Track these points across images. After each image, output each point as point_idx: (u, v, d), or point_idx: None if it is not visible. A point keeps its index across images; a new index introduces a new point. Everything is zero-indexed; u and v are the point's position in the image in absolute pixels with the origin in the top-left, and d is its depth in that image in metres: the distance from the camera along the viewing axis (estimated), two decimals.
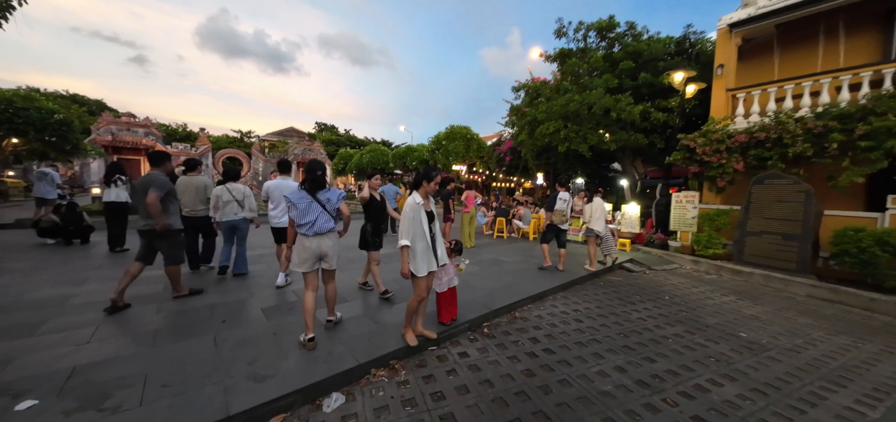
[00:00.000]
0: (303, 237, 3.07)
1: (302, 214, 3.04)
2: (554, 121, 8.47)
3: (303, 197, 3.07)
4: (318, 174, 3.17)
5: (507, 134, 17.57)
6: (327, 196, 3.15)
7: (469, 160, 22.14)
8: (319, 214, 3.08)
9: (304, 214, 3.04)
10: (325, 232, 3.10)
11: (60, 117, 13.29)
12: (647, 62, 8.83)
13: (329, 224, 3.13)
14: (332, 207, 3.16)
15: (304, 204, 3.06)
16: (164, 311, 3.62)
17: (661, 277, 6.36)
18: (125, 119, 31.24)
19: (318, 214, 3.08)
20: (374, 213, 4.23)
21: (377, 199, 4.29)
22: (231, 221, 4.79)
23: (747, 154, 6.95)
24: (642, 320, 4.13)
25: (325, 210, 3.11)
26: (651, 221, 8.95)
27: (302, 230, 3.06)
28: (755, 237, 6.66)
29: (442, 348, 3.22)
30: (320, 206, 3.10)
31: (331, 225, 3.14)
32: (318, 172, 3.19)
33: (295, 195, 3.08)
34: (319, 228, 3.06)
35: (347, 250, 6.69)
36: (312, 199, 3.08)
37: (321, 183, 3.16)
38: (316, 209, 3.08)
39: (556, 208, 5.88)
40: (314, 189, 3.10)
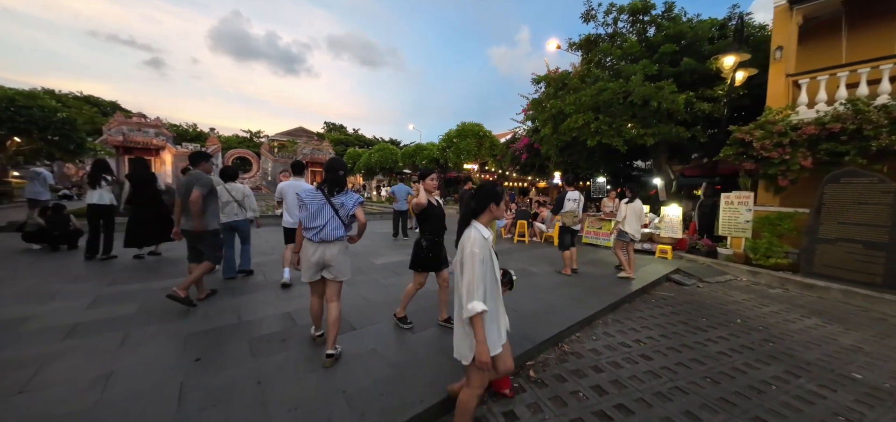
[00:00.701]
0: (307, 243, 2.74)
1: (311, 216, 2.72)
2: (583, 113, 7.59)
3: (316, 198, 2.74)
4: (340, 174, 2.82)
5: (522, 131, 16.69)
6: (342, 200, 2.77)
7: (481, 159, 21.30)
8: (330, 220, 2.73)
9: (313, 217, 2.71)
10: (331, 240, 2.72)
11: (63, 116, 12.93)
12: (690, 46, 7.87)
13: (338, 232, 2.74)
14: (345, 212, 2.78)
15: (315, 206, 2.73)
16: (130, 341, 2.91)
17: (719, 292, 5.45)
18: (136, 119, 31.34)
19: (329, 219, 2.73)
20: (431, 223, 3.32)
21: (435, 204, 3.36)
22: (232, 222, 4.63)
23: (817, 148, 5.98)
24: (725, 355, 3.27)
25: (336, 215, 2.75)
26: (694, 225, 7.99)
27: (308, 234, 2.72)
28: (829, 245, 5.69)
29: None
30: (333, 210, 2.74)
31: (340, 232, 2.75)
32: (340, 171, 2.83)
33: (308, 194, 2.77)
34: (326, 235, 2.70)
35: (356, 258, 5.95)
36: (326, 201, 2.74)
37: (341, 184, 2.80)
38: (327, 213, 2.73)
39: (566, 209, 5.62)
40: (331, 191, 2.76)
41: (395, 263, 5.95)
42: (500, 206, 1.94)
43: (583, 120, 7.50)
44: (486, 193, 1.94)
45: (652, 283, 5.40)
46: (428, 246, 3.25)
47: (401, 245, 7.69)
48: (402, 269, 5.52)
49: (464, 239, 1.85)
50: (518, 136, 16.79)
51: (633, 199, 5.59)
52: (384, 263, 5.96)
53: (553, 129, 8.42)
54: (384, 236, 8.93)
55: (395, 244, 7.73)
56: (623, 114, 7.42)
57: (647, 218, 7.82)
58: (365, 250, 6.91)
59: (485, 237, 1.83)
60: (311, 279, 2.76)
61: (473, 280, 1.69)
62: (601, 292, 4.68)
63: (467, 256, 1.75)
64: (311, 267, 2.71)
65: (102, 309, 3.56)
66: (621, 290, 4.87)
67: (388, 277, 5.09)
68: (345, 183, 2.83)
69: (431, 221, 3.31)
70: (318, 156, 37.62)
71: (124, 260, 5.58)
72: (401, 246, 7.57)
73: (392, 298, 4.11)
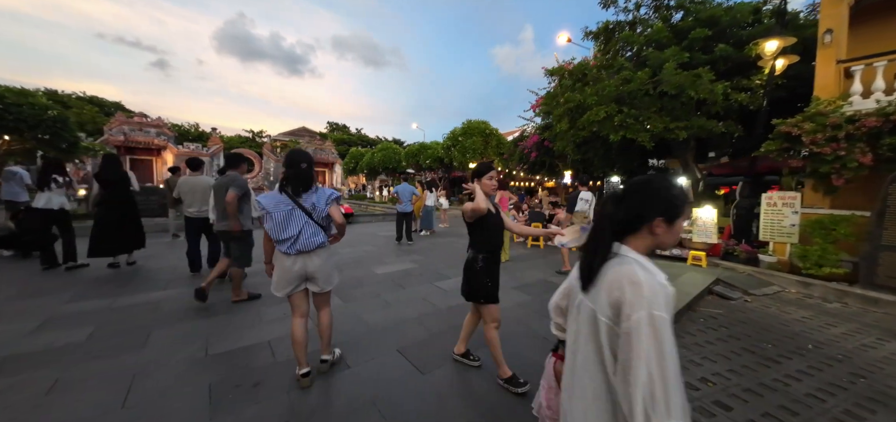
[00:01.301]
0: (283, 256, 2.29)
1: (280, 226, 2.24)
2: (605, 105, 6.89)
3: (280, 203, 2.26)
4: (303, 169, 2.33)
5: (531, 128, 16.00)
6: (312, 201, 2.31)
7: (487, 158, 20.62)
8: (304, 226, 2.27)
9: (283, 227, 2.24)
10: (311, 249, 2.29)
11: (54, 114, 12.43)
12: (724, 31, 7.15)
13: (317, 238, 2.31)
14: (319, 214, 2.32)
15: (281, 212, 2.25)
16: (60, 387, 2.29)
17: (772, 307, 4.74)
18: (137, 119, 31.01)
19: (303, 225, 2.27)
20: (487, 236, 2.40)
21: (494, 212, 2.45)
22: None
23: (879, 143, 5.24)
24: (816, 399, 2.59)
25: (311, 219, 2.29)
26: (729, 228, 7.26)
27: (281, 247, 2.27)
28: (894, 254, 4.95)
29: None
30: (305, 214, 2.28)
31: (319, 239, 2.32)
32: (303, 165, 2.34)
33: (270, 200, 2.28)
34: (304, 245, 2.26)
35: (356, 267, 5.30)
36: (294, 205, 2.27)
37: (306, 181, 2.33)
38: (299, 219, 2.26)
39: (578, 209, 5.47)
40: (296, 191, 2.29)
41: (399, 272, 5.29)
42: (675, 223, 1.01)
43: (605, 113, 6.80)
44: (653, 193, 1.00)
45: (696, 297, 4.70)
46: (485, 268, 2.36)
47: (405, 251, 7.04)
48: (408, 280, 4.87)
49: (613, 282, 0.91)
50: (527, 133, 16.10)
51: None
52: (387, 272, 5.31)
53: (570, 123, 7.73)
54: (387, 240, 8.29)
55: (399, 250, 7.08)
56: (650, 106, 6.72)
57: None
58: (366, 257, 6.27)
59: (664, 285, 0.91)
60: (290, 292, 2.33)
61: (666, 379, 0.78)
62: None
63: (643, 323, 0.81)
64: (290, 279, 2.29)
65: (49, 335, 2.96)
66: None
67: (391, 290, 4.43)
68: (311, 178, 2.35)
69: (488, 234, 2.39)
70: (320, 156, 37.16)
71: (96, 270, 4.99)
72: (405, 252, 6.92)
73: (397, 321, 3.47)
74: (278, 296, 2.34)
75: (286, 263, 2.25)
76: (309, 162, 2.35)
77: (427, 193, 9.65)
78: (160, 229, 8.33)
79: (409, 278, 4.94)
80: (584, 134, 7.56)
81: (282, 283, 2.30)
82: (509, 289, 4.55)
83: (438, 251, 7.08)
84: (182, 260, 4.95)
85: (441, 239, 8.88)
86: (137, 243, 5.41)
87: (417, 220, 9.83)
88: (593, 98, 6.92)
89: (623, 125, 6.78)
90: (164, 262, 5.55)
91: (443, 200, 12.20)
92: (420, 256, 6.46)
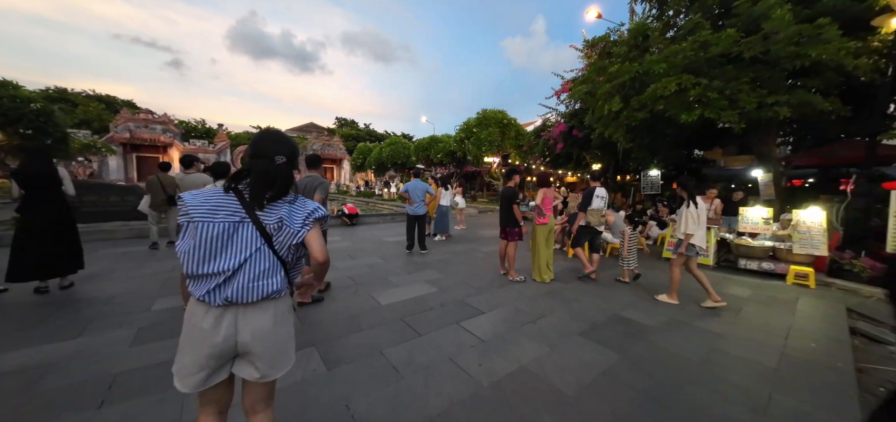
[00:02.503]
0: (198, 307, 1.25)
1: (208, 248, 1.23)
2: (675, 75, 5.31)
3: (222, 207, 1.27)
4: (277, 166, 1.34)
5: (555, 117, 14.36)
6: (280, 215, 1.31)
7: (504, 150, 19.06)
8: (252, 257, 1.27)
9: (213, 252, 1.23)
10: (253, 301, 1.26)
11: (37, 107, 11.51)
12: None
13: (269, 283, 1.29)
14: (287, 239, 1.32)
15: (219, 225, 1.25)
16: None
17: None
18: (143, 116, 30.56)
19: (251, 255, 1.27)
20: None
21: None
22: None
23: None
24: None
25: (268, 247, 1.30)
26: (837, 236, 5.62)
27: (198, 290, 1.23)
28: None
29: None
30: (261, 236, 1.29)
31: (272, 284, 1.29)
32: (280, 158, 1.35)
33: (202, 200, 1.27)
34: (240, 293, 1.24)
35: (354, 290, 3.87)
36: (246, 217, 1.27)
37: (279, 184, 1.32)
38: (247, 243, 1.27)
39: (593, 207, 5.09)
40: (259, 196, 1.29)
41: (411, 303, 3.87)
42: None
43: (677, 84, 5.21)
44: None
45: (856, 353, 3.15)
46: None
47: (418, 264, 5.65)
48: (425, 319, 3.45)
49: None
50: (550, 122, 14.46)
51: (691, 201, 3.99)
52: (395, 302, 3.88)
53: (623, 102, 6.15)
54: (396, 248, 6.92)
55: (411, 263, 5.69)
56: (740, 76, 5.11)
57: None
58: (369, 275, 4.90)
59: None
60: (201, 386, 1.26)
61: None
62: (811, 371, 2.50)
63: None
64: (208, 356, 1.24)
65: None
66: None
67: (400, 340, 2.99)
68: (287, 181, 1.36)
69: None
70: (328, 151, 36.17)
71: (17, 296, 3.73)
72: (418, 266, 5.53)
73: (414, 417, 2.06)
74: (183, 390, 1.26)
75: (203, 321, 1.24)
76: (290, 153, 1.38)
77: (442, 191, 8.22)
78: (135, 235, 7.13)
79: (427, 315, 3.53)
80: (642, 116, 5.98)
81: (190, 364, 1.24)
82: (574, 336, 3.09)
83: (459, 265, 5.67)
84: (152, 281, 3.69)
85: (459, 245, 7.47)
86: (75, 263, 4.16)
87: (431, 222, 8.43)
88: (661, 66, 5.33)
89: (702, 101, 5.19)
90: (125, 283, 4.26)
91: (459, 198, 10.77)
92: (437, 274, 5.06)
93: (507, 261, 4.81)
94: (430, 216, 8.26)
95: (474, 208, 16.36)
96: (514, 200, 4.64)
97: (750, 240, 5.81)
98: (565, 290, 4.44)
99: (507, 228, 4.72)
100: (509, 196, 4.66)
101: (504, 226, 4.77)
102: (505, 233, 4.77)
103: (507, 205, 4.67)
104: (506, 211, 4.69)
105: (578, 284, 4.72)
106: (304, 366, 2.47)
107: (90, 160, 26.44)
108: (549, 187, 4.78)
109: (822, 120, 6.15)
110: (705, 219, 4.08)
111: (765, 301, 4.38)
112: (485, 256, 6.43)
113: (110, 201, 7.88)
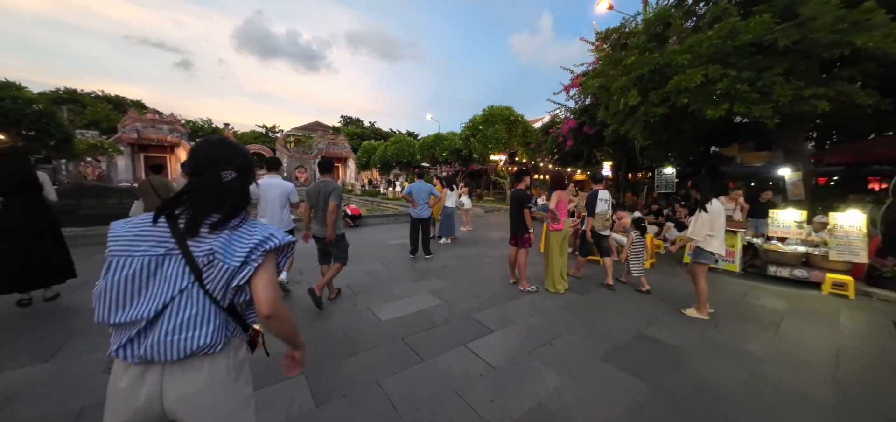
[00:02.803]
0: (117, 365, 1.00)
1: (122, 293, 0.96)
2: (700, 66, 4.88)
3: (146, 238, 1.00)
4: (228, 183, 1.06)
5: (564, 113, 13.90)
6: (213, 247, 1.01)
7: (510, 148, 18.63)
8: (173, 302, 0.98)
9: (127, 295, 0.96)
10: (178, 358, 0.96)
11: (40, 108, 11.42)
12: None
13: (195, 337, 0.97)
14: (221, 279, 1.00)
15: (132, 264, 0.97)
16: None
17: None
18: (150, 116, 30.72)
19: (175, 297, 0.98)
20: None
21: None
22: None
23: None
24: None
25: (198, 287, 1.00)
26: (877, 241, 5.15)
27: (112, 344, 0.98)
28: None
29: None
30: (190, 272, 1.00)
31: (200, 338, 0.98)
32: (227, 173, 1.06)
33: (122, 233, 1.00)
34: (154, 349, 0.95)
35: (343, 307, 3.56)
36: (171, 250, 1.00)
37: (225, 207, 1.04)
38: (169, 283, 0.99)
39: (598, 211, 4.81)
40: (197, 220, 1.01)
41: (413, 318, 3.55)
42: None
43: (702, 76, 4.79)
44: None
45: None
46: None
47: (422, 271, 5.33)
48: (429, 338, 3.13)
49: None
50: (559, 119, 14.00)
51: (707, 200, 3.69)
52: (395, 317, 3.56)
53: (642, 96, 5.72)
54: (398, 252, 6.62)
55: (414, 270, 5.38)
56: (773, 66, 4.66)
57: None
58: (368, 284, 4.60)
59: None
60: None
61: None
62: None
63: None
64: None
65: None
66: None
67: (399, 365, 2.68)
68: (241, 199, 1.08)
69: None
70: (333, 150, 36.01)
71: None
72: (422, 273, 5.21)
73: None
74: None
75: (121, 381, 0.98)
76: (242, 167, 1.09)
77: (447, 192, 7.88)
78: None
79: (430, 334, 3.21)
80: (662, 110, 5.55)
81: None
82: (596, 361, 2.74)
83: (466, 272, 5.33)
84: None
85: (465, 249, 7.13)
86: (60, 272, 3.93)
87: (436, 224, 8.11)
88: (685, 57, 4.90)
89: (733, 94, 4.75)
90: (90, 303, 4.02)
91: (465, 198, 10.41)
92: (442, 282, 4.73)
93: (518, 269, 4.46)
94: (434, 218, 7.94)
95: (480, 208, 16.00)
96: (525, 204, 4.28)
97: (780, 245, 5.38)
98: (581, 302, 4.08)
99: (518, 235, 4.36)
100: (521, 199, 4.30)
101: (515, 232, 4.41)
102: (516, 239, 4.42)
103: (518, 209, 4.31)
104: (517, 216, 4.33)
105: (595, 296, 4.35)
106: (289, 401, 2.17)
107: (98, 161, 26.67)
108: (564, 190, 4.41)
109: (856, 114, 5.65)
110: (722, 222, 3.72)
111: (803, 315, 3.97)
112: (493, 261, 6.08)
113: (108, 204, 7.71)
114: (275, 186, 4.12)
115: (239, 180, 1.06)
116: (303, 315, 3.52)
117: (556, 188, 4.36)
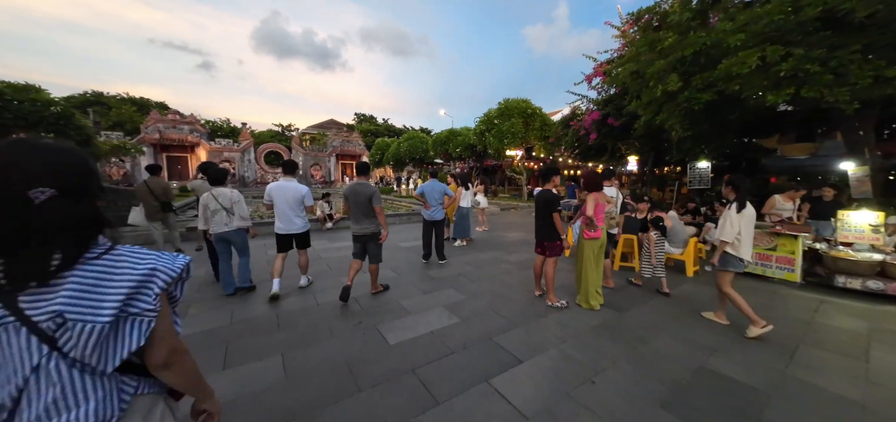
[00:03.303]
0: None
1: None
2: (756, 47, 4.19)
3: None
4: (40, 208, 0.70)
5: (586, 105, 13.12)
6: (52, 308, 0.69)
7: (527, 143, 17.91)
8: (32, 387, 0.70)
9: None
10: None
11: (58, 110, 11.59)
12: None
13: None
14: (86, 346, 0.70)
15: None
16: None
17: None
18: (171, 117, 31.48)
19: (23, 382, 0.70)
20: None
21: None
22: (222, 233, 3.95)
23: None
24: None
25: (63, 363, 0.72)
26: None
27: None
28: None
29: None
30: (39, 344, 0.70)
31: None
32: (40, 194, 0.70)
33: None
34: None
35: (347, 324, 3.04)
36: (4, 316, 0.68)
37: (33, 245, 0.69)
38: (15, 362, 0.70)
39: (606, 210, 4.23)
40: (9, 275, 0.68)
41: (426, 341, 3.09)
42: None
43: (759, 58, 4.10)
44: None
45: None
46: None
47: (436, 278, 4.87)
48: (445, 369, 2.66)
49: None
50: (580, 111, 13.24)
51: (742, 202, 3.25)
52: (406, 340, 3.10)
53: (683, 80, 5.03)
54: (410, 256, 6.18)
55: (428, 277, 4.93)
56: (850, 43, 3.93)
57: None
58: (378, 296, 4.17)
59: None
60: None
61: None
62: None
63: None
64: None
65: None
66: None
67: (412, 405, 2.23)
68: (73, 229, 0.74)
69: None
70: (348, 147, 36.05)
71: None
72: (436, 281, 4.75)
73: None
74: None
75: None
76: (72, 179, 0.76)
77: (462, 191, 7.37)
78: (141, 242, 6.76)
79: (446, 364, 2.74)
80: (707, 97, 4.85)
81: None
82: (655, 409, 2.20)
83: (484, 280, 4.84)
84: None
85: (483, 253, 6.63)
86: None
87: (450, 225, 7.63)
88: (738, 37, 4.21)
89: (799, 76, 4.04)
90: None
91: (480, 197, 9.88)
92: (458, 294, 4.26)
93: (545, 281, 3.93)
94: (448, 219, 7.47)
95: (496, 206, 15.43)
96: (554, 208, 3.73)
97: (850, 252, 4.63)
98: (621, 322, 3.51)
99: (546, 243, 3.83)
100: (548, 202, 3.76)
101: (542, 239, 3.88)
102: (543, 247, 3.89)
103: (546, 213, 3.76)
104: (544, 220, 3.79)
105: (635, 313, 3.77)
106: None
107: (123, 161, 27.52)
108: (602, 191, 3.83)
109: None
110: (752, 230, 3.28)
111: (891, 340, 3.30)
112: (512, 267, 5.56)
113: (117, 206, 7.60)
114: (289, 190, 4.04)
115: (65, 199, 0.72)
116: (301, 337, 3.12)
117: (591, 189, 3.78)
